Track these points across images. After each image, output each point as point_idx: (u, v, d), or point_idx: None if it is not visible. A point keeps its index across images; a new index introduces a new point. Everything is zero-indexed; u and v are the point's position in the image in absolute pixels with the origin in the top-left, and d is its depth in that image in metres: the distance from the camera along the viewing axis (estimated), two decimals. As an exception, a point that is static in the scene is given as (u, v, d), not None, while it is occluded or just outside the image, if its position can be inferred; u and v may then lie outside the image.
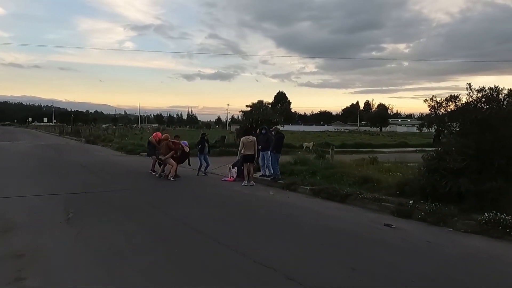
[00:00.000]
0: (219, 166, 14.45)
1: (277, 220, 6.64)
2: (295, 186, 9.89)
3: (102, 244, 4.80)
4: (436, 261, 4.71)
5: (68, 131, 48.55)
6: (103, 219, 6.16)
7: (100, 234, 5.27)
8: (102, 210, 6.84)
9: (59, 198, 7.75)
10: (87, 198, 7.94)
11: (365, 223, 6.63)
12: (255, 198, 8.62)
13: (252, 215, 6.97)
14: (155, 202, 7.72)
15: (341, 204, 8.26)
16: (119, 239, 5.07)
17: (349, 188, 8.74)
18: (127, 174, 12.18)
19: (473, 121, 7.06)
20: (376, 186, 8.92)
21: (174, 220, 6.26)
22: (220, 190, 9.77)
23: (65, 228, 5.58)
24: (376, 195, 8.12)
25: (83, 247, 4.70)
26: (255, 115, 24.68)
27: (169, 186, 10.04)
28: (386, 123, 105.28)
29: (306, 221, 6.61)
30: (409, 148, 26.69)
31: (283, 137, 11.01)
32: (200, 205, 7.72)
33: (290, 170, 11.31)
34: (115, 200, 7.85)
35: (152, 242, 4.99)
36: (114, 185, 9.86)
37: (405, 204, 7.31)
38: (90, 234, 5.26)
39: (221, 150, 19.94)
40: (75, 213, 6.49)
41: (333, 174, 10.29)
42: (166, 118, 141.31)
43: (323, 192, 8.96)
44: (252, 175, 10.91)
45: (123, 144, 24.09)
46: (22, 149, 21.61)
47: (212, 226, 5.94)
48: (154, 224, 5.98)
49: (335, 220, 6.81)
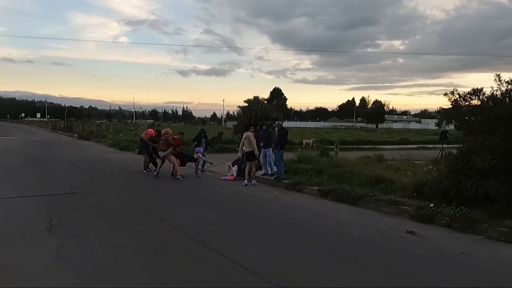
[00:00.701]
0: (218, 164, 13.75)
1: (285, 226, 5.94)
2: (301, 186, 9.20)
3: (87, 261, 4.05)
4: (481, 280, 4.04)
5: (61, 126, 47.42)
6: (90, 227, 5.42)
7: (86, 247, 4.53)
8: (90, 216, 6.10)
9: (44, 201, 6.99)
10: (75, 201, 7.19)
11: (384, 229, 5.96)
12: (259, 200, 7.91)
13: (257, 220, 6.26)
14: (150, 205, 6.98)
15: (353, 206, 7.58)
16: (107, 254, 4.34)
17: (361, 189, 8.07)
18: (120, 173, 11.40)
19: (501, 116, 6.38)
20: (389, 187, 8.26)
21: (170, 228, 5.53)
22: (220, 190, 9.05)
23: (45, 238, 4.83)
24: (391, 197, 7.46)
25: (64, 265, 3.95)
26: (253, 111, 23.92)
27: (165, 187, 9.31)
28: (383, 120, 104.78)
29: (317, 227, 5.92)
30: (410, 145, 26.12)
31: (287, 132, 10.29)
32: (200, 208, 7.00)
33: (294, 169, 10.60)
34: (106, 203, 7.10)
35: (146, 258, 4.26)
36: (105, 185, 9.10)
37: (425, 208, 6.65)
38: (74, 247, 4.51)
39: (218, 147, 19.15)
40: (59, 219, 5.74)
41: (341, 174, 9.61)
42: (161, 114, 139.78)
43: (332, 193, 8.28)
44: (254, 174, 10.20)
45: (117, 140, 23.26)
46: (11, 146, 20.69)
47: (214, 235, 5.22)
48: (148, 233, 5.25)
49: (349, 225, 6.13)
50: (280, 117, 24.14)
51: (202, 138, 12.24)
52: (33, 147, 19.90)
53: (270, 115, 23.61)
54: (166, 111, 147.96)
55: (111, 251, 4.43)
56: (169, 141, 10.54)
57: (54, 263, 3.99)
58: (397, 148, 23.12)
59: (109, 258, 4.19)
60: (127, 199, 7.65)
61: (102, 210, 6.55)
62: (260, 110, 24.16)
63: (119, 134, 28.94)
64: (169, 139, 10.62)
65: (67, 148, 20.10)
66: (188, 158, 11.18)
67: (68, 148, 20.58)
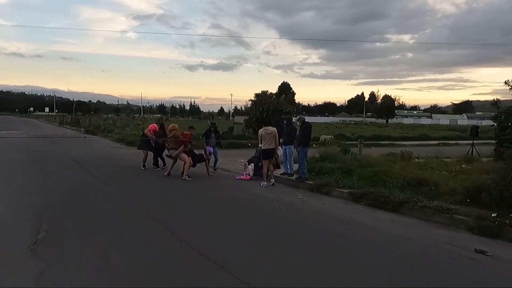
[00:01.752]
0: (230, 161, 12.71)
1: (328, 244, 4.81)
2: (328, 189, 8.09)
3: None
4: None
5: (68, 121, 46.85)
6: (84, 243, 4.40)
7: (76, 273, 3.50)
8: (85, 226, 5.08)
9: (34, 206, 6.01)
10: (70, 206, 6.19)
11: (444, 246, 4.83)
12: (284, 206, 6.82)
13: (290, 235, 5.14)
14: (157, 213, 5.94)
15: (394, 214, 6.46)
16: (104, 283, 3.31)
17: (401, 193, 6.94)
18: (125, 172, 10.40)
19: None
20: (434, 191, 7.11)
21: (183, 245, 4.47)
22: (237, 193, 7.97)
23: (27, 260, 3.82)
24: (440, 203, 6.32)
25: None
26: (265, 104, 22.82)
27: (174, 188, 8.27)
28: (393, 115, 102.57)
29: (364, 244, 4.81)
30: (430, 141, 24.76)
31: (311, 127, 9.14)
32: (216, 216, 5.94)
33: (317, 168, 9.48)
34: (105, 210, 6.08)
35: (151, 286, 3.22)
36: (107, 186, 8.11)
37: (487, 218, 5.51)
38: (61, 273, 3.49)
39: (229, 143, 18.07)
40: (48, 231, 4.74)
41: (374, 174, 8.46)
42: (168, 108, 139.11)
43: (366, 197, 7.17)
44: (272, 172, 9.12)
45: (124, 135, 22.34)
46: (15, 141, 19.89)
47: (240, 257, 4.15)
48: (153, 250, 4.21)
49: (401, 241, 5.01)
50: (293, 111, 23.02)
51: (213, 133, 11.11)
52: (37, 142, 19.08)
53: (283, 109, 22.50)
54: (173, 106, 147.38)
55: (108, 278, 3.40)
56: (178, 138, 9.50)
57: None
58: (417, 144, 21.83)
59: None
60: (130, 203, 6.63)
61: (100, 218, 5.54)
62: (273, 103, 23.05)
63: (126, 129, 28.05)
64: (177, 134, 9.57)
65: (71, 143, 19.21)
66: (198, 158, 10.09)
67: (72, 143, 19.70)
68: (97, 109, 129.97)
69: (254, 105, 23.52)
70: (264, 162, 8.98)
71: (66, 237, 4.60)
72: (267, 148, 8.91)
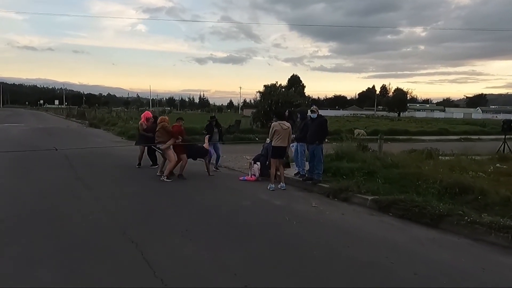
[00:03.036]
0: (235, 157, 11.50)
1: (352, 278, 3.58)
2: (348, 194, 6.79)
3: None
4: None
5: (74, 113, 46.24)
6: (25, 276, 3.22)
7: None
8: (37, 249, 3.92)
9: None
10: (37, 220, 5.04)
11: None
12: (294, 217, 5.55)
13: (301, 263, 3.87)
14: (134, 229, 4.72)
15: (434, 231, 5.14)
16: None
17: (440, 203, 5.61)
18: (115, 171, 9.25)
19: None
20: (481, 200, 5.77)
21: (154, 280, 3.26)
22: (239, 199, 6.72)
23: None
24: (496, 219, 4.97)
25: None
26: (274, 97, 21.50)
27: (165, 194, 7.06)
28: (405, 108, 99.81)
29: (409, 282, 3.54)
30: (451, 136, 23.12)
31: (326, 121, 7.81)
32: (208, 234, 4.70)
33: (333, 168, 8.17)
34: (73, 224, 4.90)
35: None
36: (87, 190, 6.95)
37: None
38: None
39: (235, 136, 16.82)
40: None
41: (402, 177, 7.14)
42: (178, 101, 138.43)
43: (396, 206, 5.87)
44: (283, 174, 7.87)
45: (126, 128, 21.30)
46: (12, 134, 19.06)
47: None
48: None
49: (456, 275, 3.72)
50: (304, 104, 21.60)
51: (214, 128, 9.86)
52: (34, 136, 18.19)
53: (293, 101, 21.16)
54: (183, 99, 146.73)
55: None
56: (167, 130, 8.30)
57: None
58: (437, 139, 20.27)
59: None
60: (106, 216, 5.38)
61: (59, 238, 4.35)
62: (282, 95, 21.72)
63: (129, 122, 27.04)
64: (166, 126, 8.35)
65: (69, 137, 18.26)
66: (198, 152, 8.89)
67: (71, 137, 18.75)
68: (107, 102, 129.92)
69: (263, 97, 22.22)
70: (273, 161, 7.74)
71: (4, 266, 3.43)
72: (279, 146, 7.65)
